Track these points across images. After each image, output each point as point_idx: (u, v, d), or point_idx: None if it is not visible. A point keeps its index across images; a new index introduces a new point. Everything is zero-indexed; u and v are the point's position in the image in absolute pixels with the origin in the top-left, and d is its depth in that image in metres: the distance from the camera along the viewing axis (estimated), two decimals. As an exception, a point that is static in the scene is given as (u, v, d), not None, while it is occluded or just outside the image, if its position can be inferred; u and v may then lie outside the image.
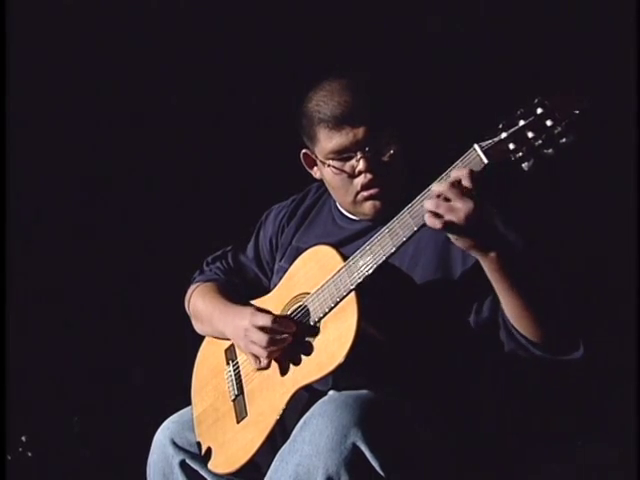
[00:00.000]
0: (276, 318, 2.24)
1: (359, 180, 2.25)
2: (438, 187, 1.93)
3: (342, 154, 2.25)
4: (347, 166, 2.26)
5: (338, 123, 2.21)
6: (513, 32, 2.97)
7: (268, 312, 2.29)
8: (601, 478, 2.83)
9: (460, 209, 1.89)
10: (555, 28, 2.91)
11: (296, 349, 2.22)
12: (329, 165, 2.28)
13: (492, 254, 1.95)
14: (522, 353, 2.08)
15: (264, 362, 2.26)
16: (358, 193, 2.27)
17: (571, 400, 2.88)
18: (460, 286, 2.17)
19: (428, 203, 1.93)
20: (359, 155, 2.22)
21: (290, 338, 2.22)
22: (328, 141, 2.25)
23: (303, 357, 2.20)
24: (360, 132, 2.21)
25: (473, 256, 2.12)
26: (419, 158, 2.29)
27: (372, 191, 2.26)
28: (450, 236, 1.96)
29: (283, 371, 2.24)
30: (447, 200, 1.91)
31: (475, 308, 2.14)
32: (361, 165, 2.23)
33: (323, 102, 2.24)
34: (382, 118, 2.22)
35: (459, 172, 1.93)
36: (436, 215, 1.91)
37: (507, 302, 2.02)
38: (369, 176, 2.23)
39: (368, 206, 2.29)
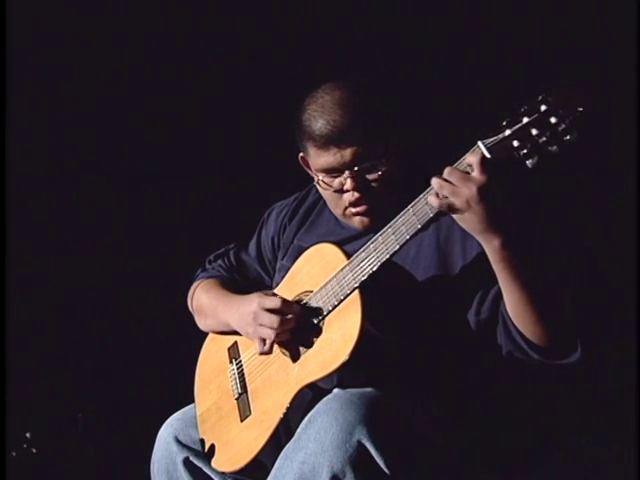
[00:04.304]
0: (284, 301, 2.25)
1: (347, 197, 2.25)
2: (445, 170, 1.96)
3: (330, 172, 2.25)
4: (336, 182, 2.25)
5: (325, 143, 2.20)
6: (515, 30, 2.98)
7: (276, 295, 2.29)
8: (601, 478, 2.83)
9: (463, 193, 1.92)
10: (558, 26, 2.93)
11: (300, 347, 2.23)
12: (320, 179, 2.28)
13: (496, 242, 1.95)
14: (519, 355, 2.09)
15: (268, 346, 2.26)
16: (346, 208, 2.28)
17: (571, 400, 2.88)
18: (461, 284, 2.17)
19: (434, 182, 1.96)
20: (346, 174, 2.21)
21: (295, 321, 2.23)
22: (316, 158, 2.25)
23: (307, 355, 2.20)
24: (347, 153, 2.19)
25: (473, 254, 2.14)
26: (418, 161, 2.28)
27: (359, 208, 2.26)
28: (455, 218, 1.97)
29: (287, 369, 2.23)
30: (452, 183, 1.94)
31: (475, 309, 2.14)
32: (348, 184, 2.22)
33: (313, 117, 2.21)
34: (373, 137, 2.19)
35: (471, 158, 1.94)
36: (439, 195, 1.95)
37: (509, 294, 2.02)
38: (356, 195, 2.23)
39: (356, 221, 2.29)
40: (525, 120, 1.89)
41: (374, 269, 2.11)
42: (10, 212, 3.07)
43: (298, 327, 2.24)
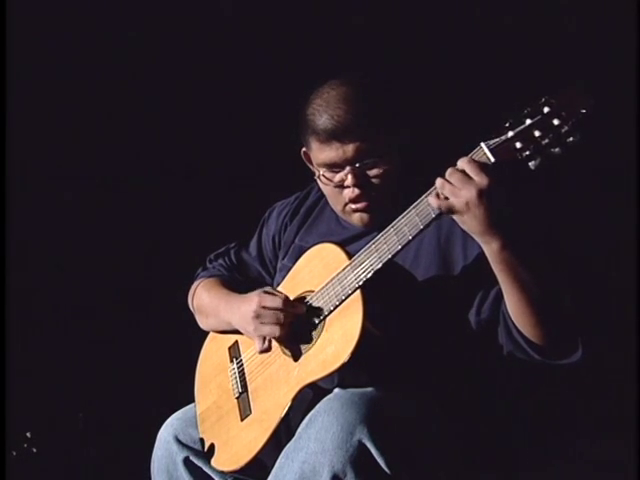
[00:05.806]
0: (286, 299, 2.26)
1: (347, 193, 2.25)
2: (447, 171, 1.97)
3: (332, 167, 2.25)
4: (337, 178, 2.25)
5: (328, 138, 2.20)
6: (519, 30, 2.98)
7: (276, 293, 2.30)
8: (601, 478, 2.83)
9: (462, 194, 1.93)
10: (561, 27, 2.93)
11: (301, 346, 2.23)
12: (321, 174, 2.28)
13: (495, 244, 1.96)
14: (520, 355, 2.09)
15: (267, 344, 2.27)
16: (346, 204, 2.28)
17: (571, 400, 2.89)
18: (462, 284, 2.17)
19: (438, 182, 1.97)
20: (347, 170, 2.22)
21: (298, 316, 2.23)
22: (319, 152, 2.25)
23: (308, 355, 2.20)
24: (349, 149, 2.19)
25: (474, 254, 2.14)
26: (421, 161, 2.29)
27: (359, 205, 2.26)
28: (455, 218, 1.98)
29: (288, 369, 2.23)
30: (452, 184, 1.95)
31: (476, 309, 2.15)
32: (349, 180, 2.22)
33: (317, 112, 2.22)
34: (376, 134, 2.20)
35: (463, 161, 1.95)
36: (439, 196, 1.97)
37: (509, 296, 2.03)
38: (357, 191, 2.23)
39: (356, 218, 2.29)
40: (528, 122, 1.90)
41: (376, 269, 2.11)
42: (10, 212, 3.06)
43: (299, 326, 2.24)
